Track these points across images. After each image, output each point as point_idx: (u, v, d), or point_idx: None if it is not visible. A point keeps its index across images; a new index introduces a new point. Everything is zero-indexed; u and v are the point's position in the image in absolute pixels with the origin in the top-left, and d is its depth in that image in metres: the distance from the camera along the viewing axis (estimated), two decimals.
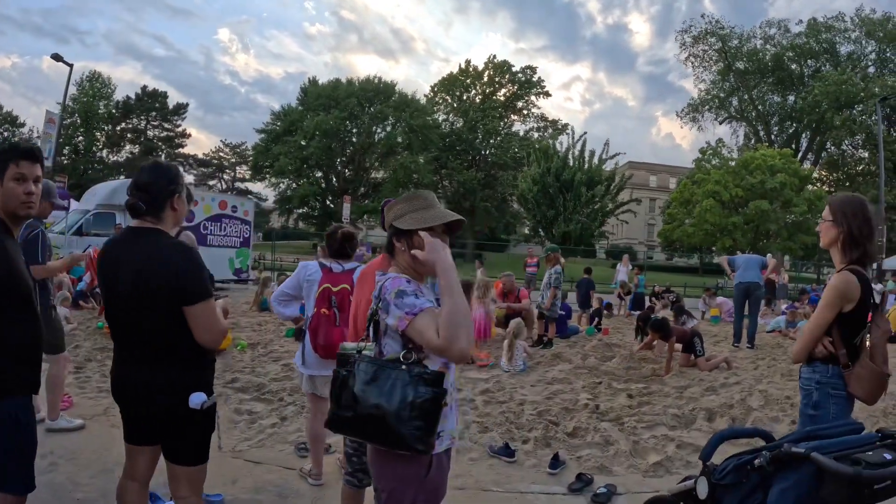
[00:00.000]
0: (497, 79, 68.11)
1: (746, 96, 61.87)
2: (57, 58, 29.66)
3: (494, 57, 68.69)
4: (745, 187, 42.37)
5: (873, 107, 41.79)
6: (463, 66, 68.99)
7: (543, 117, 70.45)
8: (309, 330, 4.62)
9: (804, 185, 43.27)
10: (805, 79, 59.01)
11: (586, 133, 52.51)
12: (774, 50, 60.34)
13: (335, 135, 61.82)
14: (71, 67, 30.58)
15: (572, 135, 52.87)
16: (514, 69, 68.47)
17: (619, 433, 6.77)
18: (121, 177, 53.87)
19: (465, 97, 68.52)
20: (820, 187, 58.91)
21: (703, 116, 65.40)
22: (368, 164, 66.06)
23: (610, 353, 11.78)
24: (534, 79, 68.76)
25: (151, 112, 73.99)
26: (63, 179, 25.14)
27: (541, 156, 45.12)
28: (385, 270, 2.81)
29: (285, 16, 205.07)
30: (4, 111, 66.98)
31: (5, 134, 64.29)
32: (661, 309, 16.64)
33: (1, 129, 65.33)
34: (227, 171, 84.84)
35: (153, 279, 2.94)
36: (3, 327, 2.80)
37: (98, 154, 68.99)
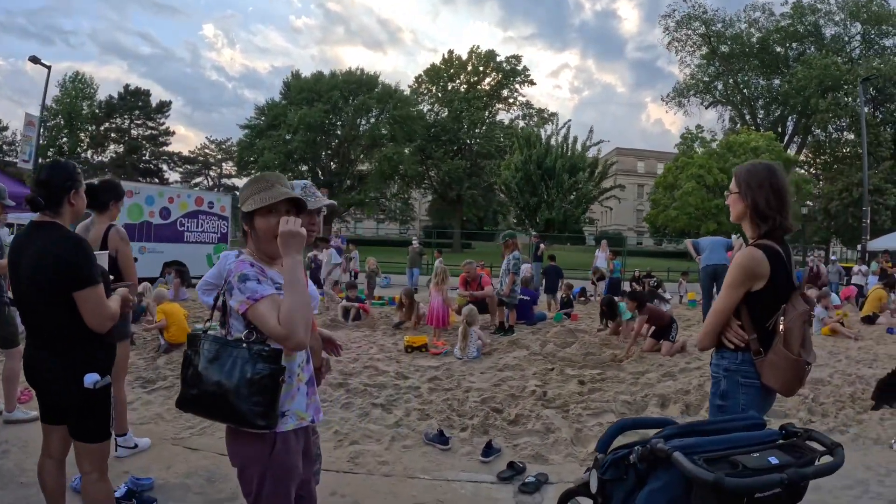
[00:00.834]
0: (482, 68, 67.74)
1: (731, 80, 61.59)
2: (35, 60, 29.39)
3: (478, 47, 68.47)
4: (729, 170, 40.96)
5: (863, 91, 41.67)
6: (446, 57, 68.59)
7: (529, 105, 70.26)
8: None
9: (789, 170, 42.80)
10: (790, 62, 58.71)
11: (570, 120, 52.56)
12: (759, 34, 60.02)
13: (319, 128, 61.40)
14: (49, 69, 30.21)
15: (556, 122, 52.72)
16: (499, 58, 68.16)
17: (563, 421, 6.63)
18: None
19: (451, 87, 68.13)
20: (807, 171, 58.96)
21: (689, 101, 65.30)
22: (353, 157, 65.61)
23: (571, 340, 11.53)
24: (518, 67, 68.46)
25: (135, 111, 73.44)
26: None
27: (523, 143, 44.83)
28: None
29: (271, 9, 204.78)
30: None
31: None
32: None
33: None
34: (213, 168, 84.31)
35: (45, 268, 3.20)
36: None
37: (83, 154, 68.14)
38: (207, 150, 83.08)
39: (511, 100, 69.51)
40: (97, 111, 68.55)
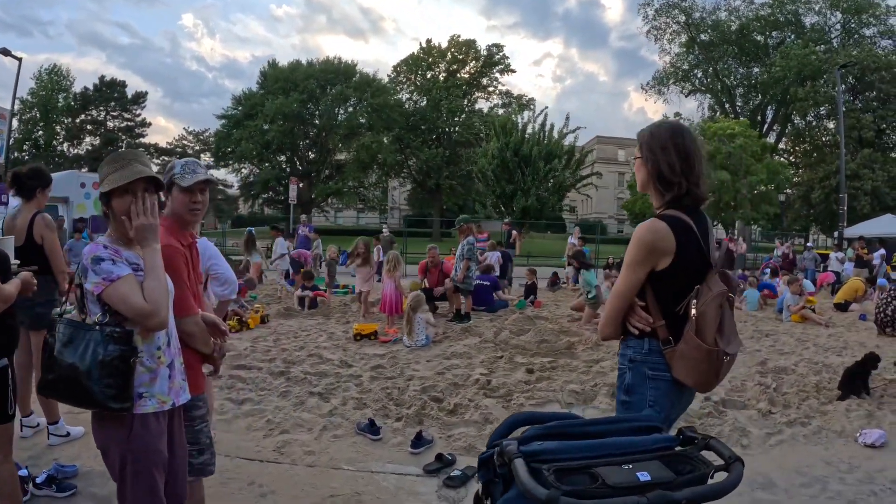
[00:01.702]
0: (461, 57, 67.24)
1: (711, 69, 61.21)
2: (5, 52, 28.95)
3: (458, 36, 67.83)
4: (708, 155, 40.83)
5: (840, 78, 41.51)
6: (424, 46, 68.03)
7: (508, 93, 69.77)
8: None
9: (765, 155, 42.56)
10: (770, 50, 58.35)
11: (547, 108, 52.14)
12: (739, 22, 59.56)
13: (297, 117, 60.66)
14: (20, 61, 29.90)
15: (534, 110, 52.31)
16: (479, 47, 67.69)
17: (503, 411, 6.31)
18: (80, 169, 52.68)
19: (430, 76, 67.60)
20: (787, 159, 58.79)
21: (669, 90, 64.62)
22: (332, 146, 64.86)
23: (529, 327, 11.08)
24: (497, 56, 67.98)
25: (111, 102, 71.88)
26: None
27: (500, 131, 44.39)
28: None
29: None
30: None
31: None
32: (605, 280, 16.09)
33: None
34: None
35: None
36: None
37: (59, 148, 67.14)
38: (185, 142, 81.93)
39: (491, 88, 69.07)
40: (73, 103, 67.22)
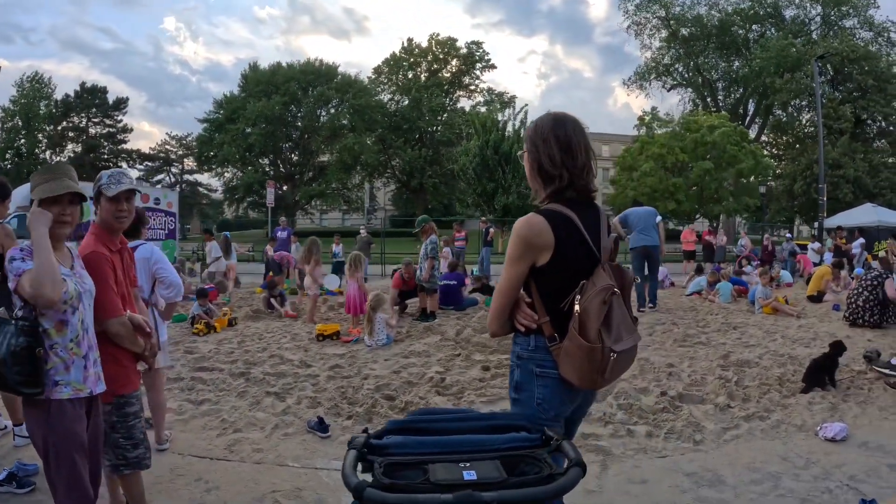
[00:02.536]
0: (441, 56, 67.11)
1: (691, 63, 61.21)
2: None
3: (438, 34, 67.73)
4: (687, 148, 41.81)
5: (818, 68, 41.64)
6: (406, 45, 67.87)
7: (490, 91, 69.69)
8: None
9: (744, 143, 42.47)
10: (750, 43, 58.40)
11: (527, 105, 51.97)
12: (719, 16, 59.61)
13: (278, 120, 60.38)
14: None
15: (513, 107, 52.19)
16: (458, 44, 67.58)
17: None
18: None
19: (412, 75, 67.45)
20: (770, 151, 58.85)
21: (651, 85, 64.70)
22: (314, 148, 64.66)
23: None
24: (478, 53, 67.90)
25: (92, 109, 71.34)
26: None
27: (480, 129, 44.19)
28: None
29: (233, 0, 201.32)
30: None
31: None
32: None
33: None
34: (176, 164, 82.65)
35: None
36: None
37: (41, 155, 66.43)
38: (168, 147, 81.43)
39: (472, 86, 69.02)
40: (54, 111, 66.73)
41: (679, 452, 5.22)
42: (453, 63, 67.68)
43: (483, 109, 62.96)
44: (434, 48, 67.22)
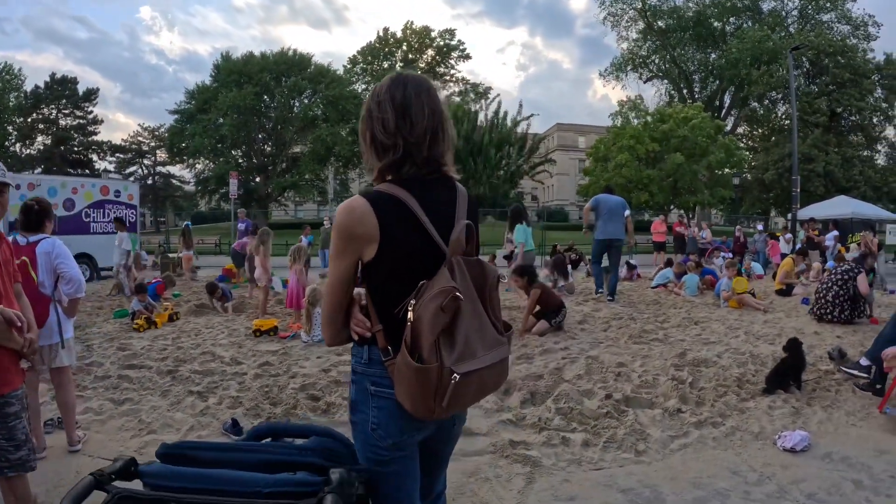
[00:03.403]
0: (416, 45, 66.67)
1: (668, 55, 61.08)
2: None
3: (412, 23, 67.25)
4: (660, 139, 41.50)
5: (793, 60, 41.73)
6: (381, 35, 67.36)
7: (465, 81, 69.37)
8: None
9: (718, 136, 42.37)
10: (727, 36, 58.45)
11: (499, 95, 51.71)
12: (696, 8, 59.51)
13: (251, 110, 59.49)
14: None
15: (487, 97, 52.03)
16: (433, 34, 67.15)
17: None
18: (31, 172, 51.70)
19: (387, 65, 66.98)
20: (745, 143, 58.91)
21: (627, 76, 64.58)
22: (288, 139, 63.86)
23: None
24: (453, 42, 67.53)
25: (62, 100, 70.24)
26: None
27: (451, 118, 43.56)
28: None
29: None
30: None
31: None
32: (545, 266, 15.50)
33: None
34: (148, 156, 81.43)
35: None
36: None
37: (11, 148, 65.36)
38: (140, 138, 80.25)
39: (447, 76, 68.58)
40: (24, 102, 65.62)
41: (618, 464, 4.69)
42: (428, 53, 67.24)
43: (457, 100, 62.72)
44: (409, 37, 66.75)
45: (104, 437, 5.35)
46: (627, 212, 12.62)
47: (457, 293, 1.99)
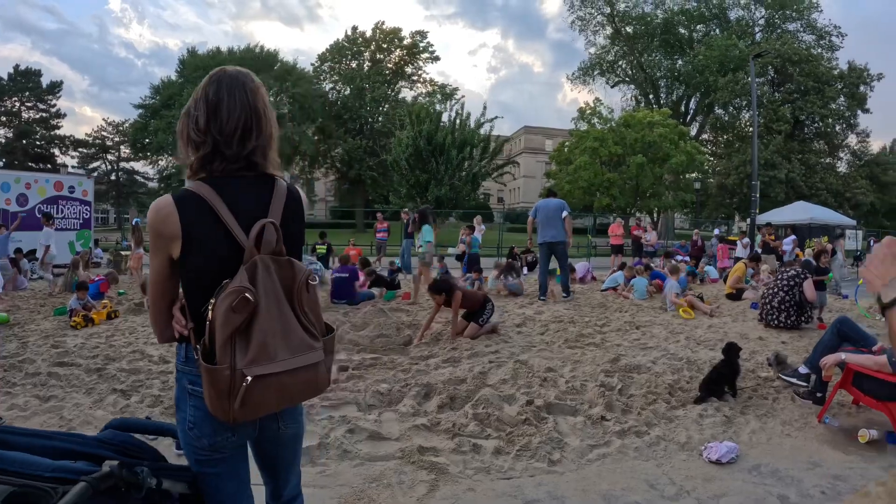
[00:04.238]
0: (385, 45, 66.37)
1: (635, 60, 61.39)
2: None
3: (383, 23, 66.90)
4: (626, 143, 41.62)
5: (758, 68, 41.98)
6: (350, 34, 66.92)
7: (433, 82, 69.11)
8: None
9: (681, 141, 42.59)
10: (694, 43, 58.93)
11: (464, 96, 51.59)
12: (664, 15, 59.92)
13: None
14: None
15: (453, 98, 51.84)
16: (402, 34, 66.90)
17: None
18: None
19: (355, 64, 66.59)
20: (710, 149, 59.39)
21: (594, 80, 64.95)
22: None
23: (376, 320, 10.30)
24: (422, 44, 67.23)
25: (25, 92, 69.03)
26: None
27: (414, 119, 43.45)
28: None
29: None
30: None
31: None
32: (495, 267, 15.22)
33: None
34: (112, 152, 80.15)
35: None
36: None
37: None
38: (105, 133, 78.99)
39: (415, 77, 68.37)
40: None
41: (528, 474, 4.40)
42: (397, 53, 66.97)
43: (424, 100, 62.49)
44: (378, 37, 66.43)
45: None
46: (565, 213, 12.67)
47: (247, 293, 1.96)
